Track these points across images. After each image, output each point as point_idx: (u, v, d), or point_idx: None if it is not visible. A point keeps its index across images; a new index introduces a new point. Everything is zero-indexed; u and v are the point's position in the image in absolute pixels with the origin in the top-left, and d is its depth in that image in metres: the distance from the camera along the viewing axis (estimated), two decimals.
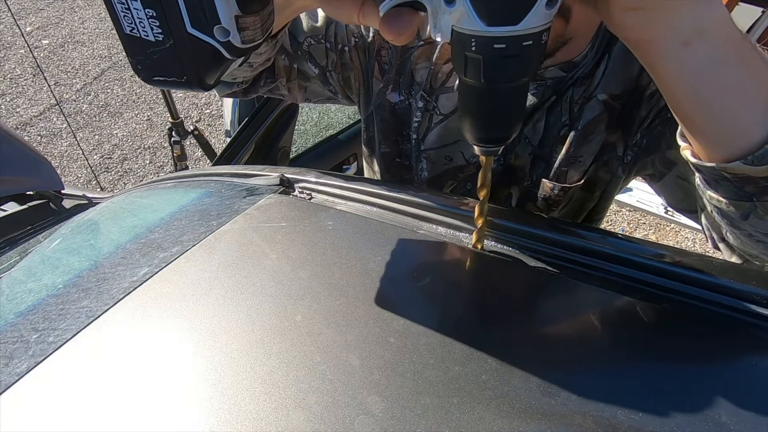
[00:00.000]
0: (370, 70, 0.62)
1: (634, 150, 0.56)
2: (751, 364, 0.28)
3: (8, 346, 0.34)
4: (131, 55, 0.29)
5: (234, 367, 0.29)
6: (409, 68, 0.59)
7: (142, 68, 0.30)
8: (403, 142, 0.65)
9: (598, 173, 0.59)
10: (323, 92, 0.65)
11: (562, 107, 0.55)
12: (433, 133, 0.61)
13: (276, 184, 0.49)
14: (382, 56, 0.60)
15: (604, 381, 0.27)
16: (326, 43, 0.59)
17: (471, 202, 0.43)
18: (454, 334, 0.31)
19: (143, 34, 0.27)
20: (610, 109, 0.53)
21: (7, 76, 3.35)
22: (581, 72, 0.52)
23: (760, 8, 2.24)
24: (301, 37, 0.59)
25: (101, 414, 0.28)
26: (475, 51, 0.26)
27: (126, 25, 0.28)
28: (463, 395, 0.26)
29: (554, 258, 0.37)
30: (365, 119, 0.67)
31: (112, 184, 2.67)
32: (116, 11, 0.27)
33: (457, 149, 0.62)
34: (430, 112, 0.60)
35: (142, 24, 0.27)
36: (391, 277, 0.35)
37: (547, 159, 0.58)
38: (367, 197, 0.45)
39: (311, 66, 0.60)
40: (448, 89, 0.58)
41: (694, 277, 0.34)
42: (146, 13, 0.26)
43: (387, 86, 0.62)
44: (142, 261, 0.40)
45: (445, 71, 0.58)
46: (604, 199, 0.63)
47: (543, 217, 0.42)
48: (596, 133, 0.55)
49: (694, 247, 2.33)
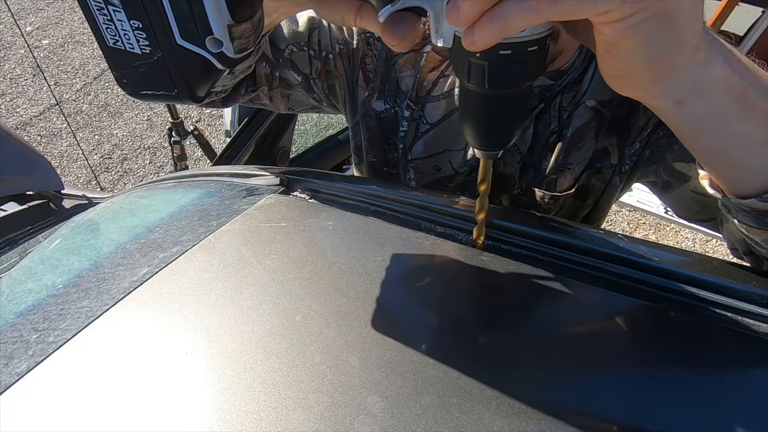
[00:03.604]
0: (355, 79, 0.61)
1: (632, 159, 0.55)
2: (752, 365, 0.28)
3: (8, 346, 0.34)
4: (116, 69, 0.28)
5: (234, 367, 0.29)
6: (394, 76, 0.58)
7: (128, 82, 0.28)
8: (390, 151, 0.64)
9: (591, 181, 0.58)
10: (307, 101, 0.64)
11: (551, 114, 0.54)
12: (420, 143, 0.60)
13: (276, 184, 0.49)
14: (366, 64, 0.59)
15: (605, 381, 0.27)
16: (309, 50, 0.57)
17: (470, 201, 0.43)
18: (454, 333, 0.31)
19: (128, 46, 0.26)
20: (600, 116, 0.53)
21: (7, 76, 3.35)
22: (569, 79, 0.52)
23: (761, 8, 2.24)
24: (282, 44, 0.57)
25: (101, 414, 0.28)
26: (480, 57, 0.26)
27: (109, 38, 0.26)
28: (463, 395, 0.26)
29: (554, 258, 0.37)
30: (352, 128, 0.66)
31: (112, 184, 2.67)
32: (98, 23, 0.25)
33: (445, 159, 0.60)
34: (416, 121, 0.59)
35: (127, 36, 0.26)
36: (391, 277, 0.35)
37: (537, 166, 0.57)
38: (367, 197, 0.45)
39: (293, 74, 0.59)
40: (435, 98, 0.57)
41: (694, 277, 0.34)
42: (131, 24, 0.25)
43: (372, 95, 0.60)
44: (142, 261, 0.40)
45: (430, 79, 0.57)
46: (599, 207, 0.62)
47: (543, 217, 0.42)
48: (586, 139, 0.54)
49: (694, 247, 2.33)
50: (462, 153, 0.59)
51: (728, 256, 2.10)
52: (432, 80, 0.57)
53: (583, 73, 0.52)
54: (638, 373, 0.28)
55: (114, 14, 0.25)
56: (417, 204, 0.43)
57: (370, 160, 0.66)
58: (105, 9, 0.25)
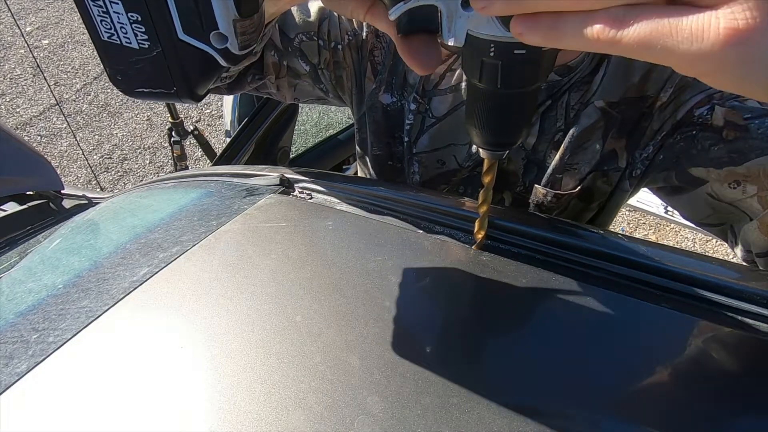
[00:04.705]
0: (363, 71, 0.61)
1: (644, 163, 0.54)
2: (752, 365, 0.28)
3: (8, 346, 0.34)
4: (110, 65, 0.26)
5: (234, 367, 0.29)
6: (402, 69, 0.58)
7: (122, 79, 0.26)
8: (396, 144, 0.64)
9: (596, 183, 0.57)
10: (313, 91, 0.64)
11: (558, 112, 0.54)
12: (426, 137, 0.60)
13: (276, 184, 0.49)
14: (374, 56, 0.59)
15: (605, 381, 0.27)
16: (319, 40, 0.57)
17: (470, 201, 0.43)
18: (454, 333, 0.31)
19: (125, 41, 0.24)
20: (608, 117, 0.52)
21: (7, 76, 3.36)
22: (578, 76, 0.52)
23: None
24: (292, 33, 0.56)
25: (101, 414, 0.28)
26: (493, 57, 0.25)
27: (104, 31, 0.24)
28: (463, 395, 0.26)
29: (554, 258, 0.37)
30: (358, 120, 0.66)
31: (112, 184, 2.67)
32: (92, 15, 0.24)
33: (450, 153, 0.60)
34: (422, 115, 0.59)
35: (123, 30, 0.24)
36: (391, 277, 0.35)
37: (541, 164, 0.57)
38: (367, 197, 0.45)
39: (302, 63, 0.58)
40: (441, 92, 0.57)
41: (694, 277, 0.34)
42: (129, 17, 0.23)
43: (379, 87, 0.60)
44: (142, 261, 0.40)
45: (438, 73, 0.57)
46: (606, 212, 0.61)
47: (543, 217, 0.42)
48: (592, 140, 0.54)
49: (694, 247, 2.33)
50: (466, 148, 0.59)
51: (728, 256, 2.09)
52: (439, 74, 0.57)
53: (593, 72, 0.51)
54: (638, 373, 0.28)
55: (110, 6, 0.23)
56: (417, 204, 0.43)
57: (375, 153, 0.66)
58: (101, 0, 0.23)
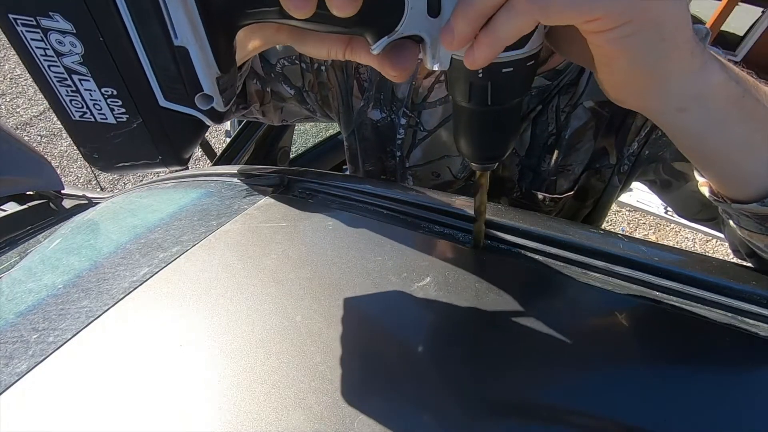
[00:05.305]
0: (349, 89, 0.60)
1: (630, 159, 0.55)
2: (752, 364, 0.28)
3: (8, 346, 0.34)
4: (83, 144, 0.24)
5: (234, 367, 0.29)
6: (389, 84, 0.58)
7: (99, 156, 0.25)
8: (387, 159, 0.64)
9: (590, 181, 0.58)
10: (300, 111, 0.64)
11: (548, 116, 0.54)
12: (418, 150, 0.60)
13: (276, 184, 0.49)
14: (361, 74, 0.59)
15: (605, 380, 0.27)
16: (301, 63, 0.57)
17: (470, 201, 0.43)
18: (454, 333, 0.31)
19: (100, 117, 0.23)
20: (598, 116, 0.53)
21: (7, 76, 3.36)
22: (566, 79, 0.52)
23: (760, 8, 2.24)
24: (274, 59, 0.56)
25: (101, 414, 0.28)
26: (482, 78, 0.26)
27: (74, 111, 0.23)
28: (463, 395, 0.26)
29: (554, 258, 0.37)
30: (347, 138, 0.66)
31: (112, 184, 2.67)
32: (59, 96, 0.22)
33: (444, 165, 0.61)
34: (413, 128, 0.59)
35: (97, 106, 0.22)
36: (391, 277, 0.35)
37: (535, 169, 0.57)
38: (367, 197, 0.45)
39: (286, 87, 0.58)
40: (431, 105, 0.57)
41: (694, 277, 0.34)
42: (103, 93, 0.22)
43: (368, 104, 0.60)
44: (142, 261, 0.40)
45: (426, 86, 0.57)
46: (600, 208, 0.62)
47: (543, 216, 0.42)
48: (584, 140, 0.54)
49: (694, 247, 2.33)
50: (461, 159, 0.60)
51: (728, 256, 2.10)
52: (427, 87, 0.57)
53: (579, 74, 0.52)
54: (639, 373, 0.28)
55: (80, 84, 0.22)
56: (417, 204, 0.43)
57: (367, 169, 0.66)
58: (68, 80, 0.22)
